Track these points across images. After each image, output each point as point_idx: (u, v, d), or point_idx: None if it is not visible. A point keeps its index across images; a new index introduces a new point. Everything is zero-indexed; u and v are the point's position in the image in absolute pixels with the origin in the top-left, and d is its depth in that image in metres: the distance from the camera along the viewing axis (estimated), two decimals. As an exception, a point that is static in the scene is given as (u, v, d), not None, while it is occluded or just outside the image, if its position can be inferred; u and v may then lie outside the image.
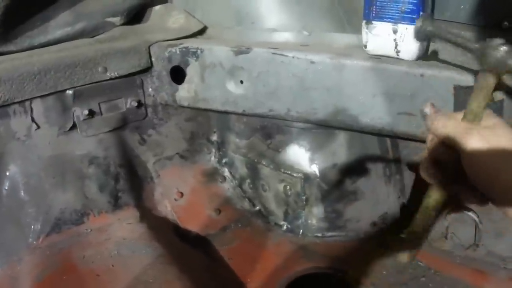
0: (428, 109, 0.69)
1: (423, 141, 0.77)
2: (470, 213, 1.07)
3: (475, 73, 0.84)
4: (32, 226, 1.09)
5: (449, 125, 0.65)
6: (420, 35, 0.86)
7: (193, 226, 1.26)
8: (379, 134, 1.06)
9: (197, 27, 1.25)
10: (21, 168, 1.09)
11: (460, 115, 0.67)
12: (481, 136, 0.60)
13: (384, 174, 1.22)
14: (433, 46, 0.97)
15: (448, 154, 0.66)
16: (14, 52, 1.15)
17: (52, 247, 1.08)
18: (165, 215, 1.26)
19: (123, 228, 1.14)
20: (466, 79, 0.85)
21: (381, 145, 1.21)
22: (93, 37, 1.26)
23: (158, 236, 1.13)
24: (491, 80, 0.64)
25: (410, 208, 1.25)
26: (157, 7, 1.36)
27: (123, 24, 1.29)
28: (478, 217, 1.07)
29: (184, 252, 1.15)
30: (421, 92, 0.91)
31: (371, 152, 1.21)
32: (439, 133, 0.66)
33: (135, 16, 1.33)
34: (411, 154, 1.20)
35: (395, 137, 1.12)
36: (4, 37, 1.13)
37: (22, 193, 1.09)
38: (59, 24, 1.21)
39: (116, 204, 1.19)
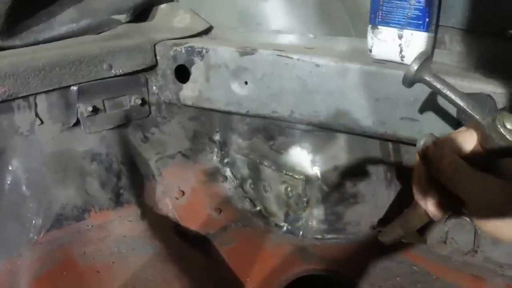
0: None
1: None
2: (469, 219, 1.07)
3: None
4: (33, 221, 1.09)
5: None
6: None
7: (193, 225, 1.26)
8: (381, 138, 1.07)
9: (202, 27, 1.25)
10: (24, 163, 1.09)
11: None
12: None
13: (385, 178, 1.23)
14: (437, 52, 0.97)
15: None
16: (19, 46, 1.15)
17: (52, 242, 1.08)
18: (166, 214, 1.27)
19: (123, 226, 1.14)
20: (469, 86, 0.85)
21: (382, 149, 1.21)
22: (98, 34, 1.26)
23: (158, 234, 1.13)
24: None
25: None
26: (162, 6, 1.36)
27: (128, 22, 1.29)
28: (477, 223, 1.07)
29: (184, 251, 1.15)
30: (424, 98, 0.91)
31: (373, 155, 1.21)
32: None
33: (141, 14, 1.33)
34: (413, 159, 1.21)
35: (397, 141, 1.13)
36: (9, 32, 1.13)
37: (24, 188, 1.09)
38: (65, 20, 1.21)
39: (117, 201, 1.19)
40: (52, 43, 1.18)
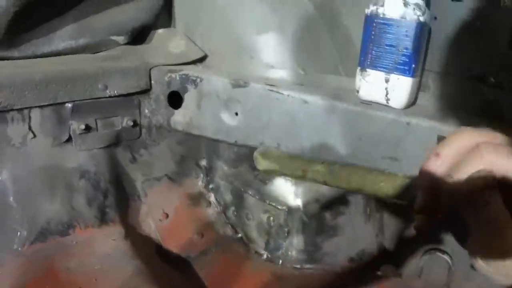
0: None
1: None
2: (444, 256, 1.12)
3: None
4: (18, 233, 1.09)
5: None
6: None
7: (175, 247, 1.28)
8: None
9: (197, 55, 1.29)
10: (13, 175, 1.10)
11: None
12: None
13: (364, 212, 1.26)
14: (421, 95, 1.03)
15: None
16: (17, 58, 1.16)
17: (36, 255, 1.08)
18: (148, 234, 1.28)
19: (107, 244, 1.15)
20: (449, 130, 0.90)
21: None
22: (95, 53, 1.28)
23: (140, 254, 1.14)
24: None
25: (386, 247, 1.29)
26: (160, 31, 1.39)
27: (126, 44, 1.32)
28: (451, 259, 1.11)
29: (164, 272, 1.16)
30: (406, 140, 0.96)
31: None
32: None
33: (138, 37, 1.36)
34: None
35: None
36: (9, 43, 1.14)
37: (11, 199, 1.09)
38: (64, 37, 1.23)
39: (102, 219, 1.20)
40: (50, 58, 1.20)
